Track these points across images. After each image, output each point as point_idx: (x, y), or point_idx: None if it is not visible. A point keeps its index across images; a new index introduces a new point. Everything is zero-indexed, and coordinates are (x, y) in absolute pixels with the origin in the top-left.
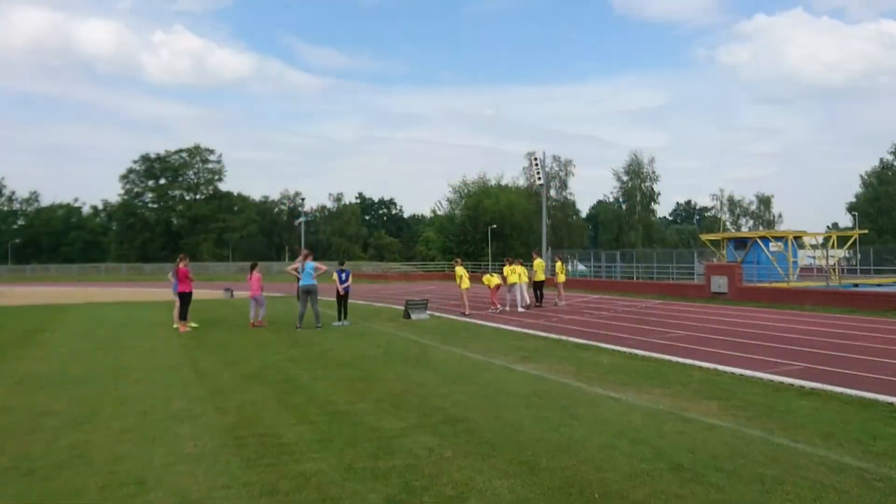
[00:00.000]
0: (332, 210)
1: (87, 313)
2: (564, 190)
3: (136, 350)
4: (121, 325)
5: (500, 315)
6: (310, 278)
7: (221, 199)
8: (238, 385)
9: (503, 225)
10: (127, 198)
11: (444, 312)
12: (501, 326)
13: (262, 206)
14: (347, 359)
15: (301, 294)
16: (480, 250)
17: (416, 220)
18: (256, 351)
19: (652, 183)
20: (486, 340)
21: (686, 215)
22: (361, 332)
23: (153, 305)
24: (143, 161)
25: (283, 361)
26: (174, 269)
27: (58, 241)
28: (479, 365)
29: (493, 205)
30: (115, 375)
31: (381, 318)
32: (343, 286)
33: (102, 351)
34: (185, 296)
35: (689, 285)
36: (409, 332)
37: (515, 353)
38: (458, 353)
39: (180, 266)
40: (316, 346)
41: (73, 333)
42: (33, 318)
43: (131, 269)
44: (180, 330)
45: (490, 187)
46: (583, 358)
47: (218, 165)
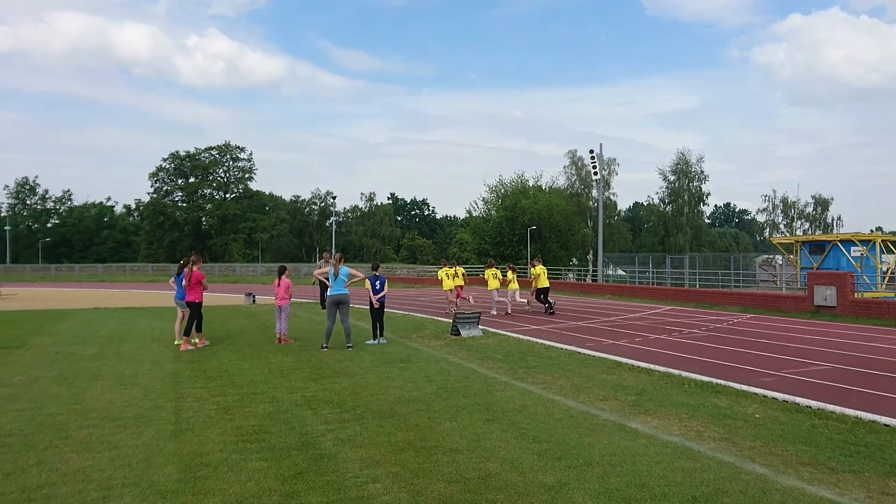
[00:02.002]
0: (364, 210)
1: (83, 323)
2: (607, 190)
3: (111, 380)
4: (112, 341)
5: (535, 329)
6: (343, 287)
7: (251, 198)
8: (227, 457)
9: (541, 226)
10: (156, 196)
11: (497, 328)
12: (578, 350)
13: (292, 206)
14: (389, 403)
15: (329, 305)
16: (517, 252)
17: (448, 221)
18: (267, 385)
19: (700, 183)
20: (566, 371)
21: (725, 218)
22: (403, 357)
23: (162, 312)
24: (173, 159)
25: (300, 406)
26: (185, 273)
27: (90, 240)
28: (580, 420)
29: (531, 205)
30: (58, 429)
31: (423, 334)
32: (378, 297)
33: (66, 383)
34: (196, 306)
35: (778, 296)
36: (463, 357)
37: (618, 395)
38: (539, 394)
39: (193, 269)
40: (346, 377)
41: (48, 353)
42: (18, 328)
43: (157, 269)
44: (182, 347)
45: (528, 187)
46: (721, 408)
47: (248, 164)
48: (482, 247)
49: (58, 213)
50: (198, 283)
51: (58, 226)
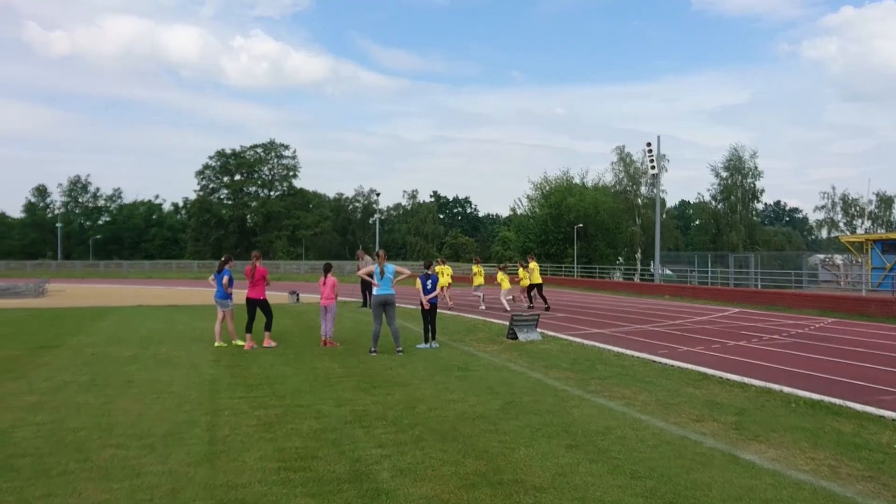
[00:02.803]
0: (408, 208)
1: (124, 321)
2: (656, 186)
3: (144, 388)
4: (150, 341)
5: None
6: (389, 286)
7: (295, 195)
8: (267, 490)
9: (587, 224)
10: (202, 194)
11: (555, 331)
12: (652, 358)
13: (335, 204)
14: (450, 420)
15: (375, 306)
16: (563, 251)
17: (490, 219)
18: (313, 396)
19: (754, 180)
20: (645, 384)
21: (775, 216)
22: (459, 364)
23: (203, 311)
24: (219, 157)
25: (349, 423)
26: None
27: (139, 237)
28: (680, 447)
29: (577, 203)
30: (78, 449)
31: (477, 336)
32: (429, 297)
33: (96, 390)
34: (262, 304)
35: (859, 298)
36: (525, 364)
37: (714, 415)
38: (621, 412)
39: (257, 265)
40: (398, 387)
41: (84, 354)
42: (59, 327)
43: (203, 266)
44: (265, 343)
45: (574, 184)
46: (846, 435)
47: (293, 161)
48: (526, 245)
49: (108, 211)
50: (262, 280)
51: (108, 223)
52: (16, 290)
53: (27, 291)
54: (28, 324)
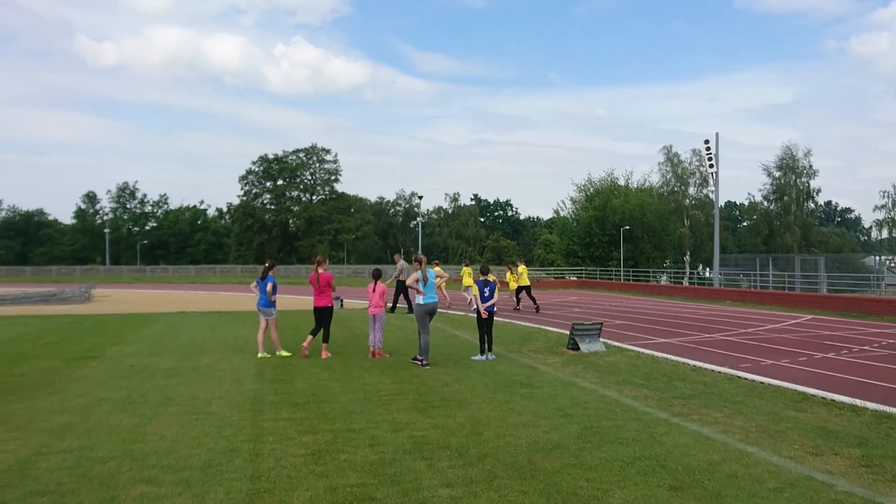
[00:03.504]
0: (449, 211)
1: (166, 328)
2: (706, 187)
3: (182, 406)
4: (191, 351)
5: None
6: (434, 292)
7: (337, 199)
8: None
9: (633, 226)
10: (246, 199)
11: (618, 340)
12: (735, 373)
13: (377, 208)
14: (523, 451)
15: (423, 315)
16: (608, 254)
17: (531, 222)
18: (365, 419)
19: (809, 179)
20: (736, 405)
21: (826, 216)
22: (521, 379)
23: (247, 317)
24: (262, 162)
25: (409, 453)
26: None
27: (184, 242)
28: (810, 493)
29: (622, 204)
30: (104, 485)
31: (534, 346)
32: (486, 305)
33: (131, 409)
34: (326, 312)
35: None
36: (593, 380)
37: (833, 446)
38: (720, 442)
39: (320, 271)
40: (458, 407)
41: (123, 365)
42: (101, 335)
43: (246, 270)
44: (322, 355)
45: (618, 186)
46: None
47: (334, 166)
48: (570, 248)
49: (155, 217)
50: (327, 286)
51: (155, 228)
52: (62, 296)
53: (73, 297)
54: (70, 331)
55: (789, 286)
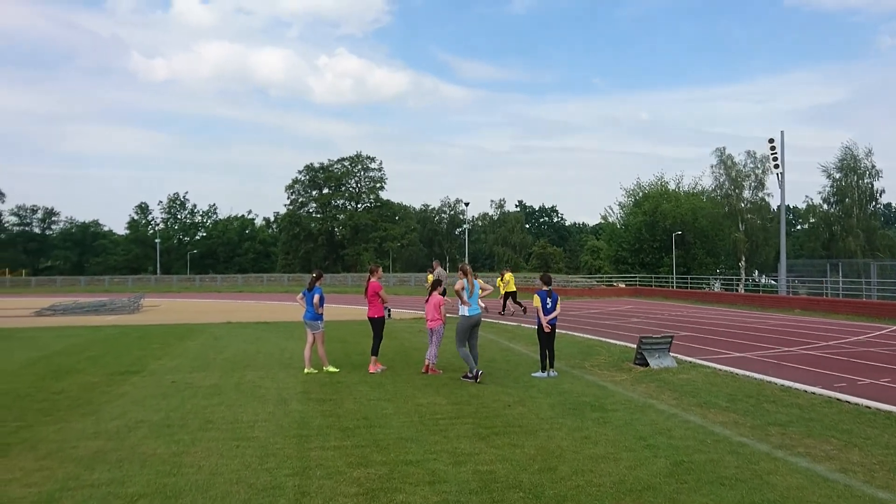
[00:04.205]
0: (495, 218)
1: (210, 341)
2: (761, 190)
3: (223, 431)
4: (235, 366)
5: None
6: (477, 303)
7: (382, 207)
8: None
9: (685, 231)
10: (292, 208)
11: (688, 354)
12: (831, 395)
13: (421, 215)
14: (608, 493)
15: (466, 328)
16: (658, 260)
17: (577, 228)
18: (422, 448)
19: (872, 180)
20: (844, 434)
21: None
22: (591, 400)
23: (293, 329)
24: (308, 171)
25: (475, 493)
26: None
27: (233, 251)
28: None
29: (673, 209)
30: None
31: (597, 361)
32: (549, 318)
33: (168, 434)
34: (373, 323)
35: None
36: (671, 401)
37: None
38: (843, 485)
39: (372, 280)
40: (525, 435)
41: (164, 382)
42: (144, 347)
43: (293, 279)
44: (370, 369)
45: (669, 190)
46: None
47: (379, 174)
48: (619, 254)
49: (204, 227)
50: (375, 296)
51: (204, 238)
52: (112, 307)
53: (123, 307)
54: (115, 344)
55: (866, 293)
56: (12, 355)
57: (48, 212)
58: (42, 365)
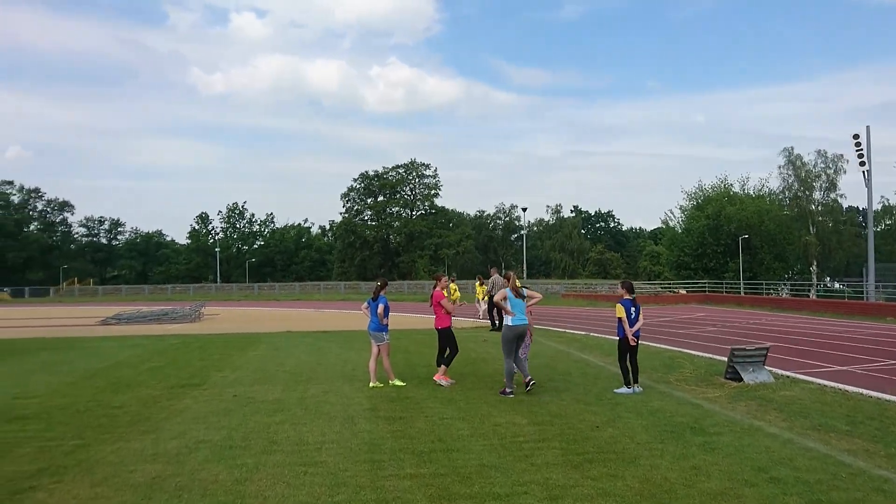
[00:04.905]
0: (551, 223)
1: (271, 351)
2: (833, 191)
3: (287, 454)
4: (297, 379)
5: None
6: (524, 312)
7: (437, 214)
8: None
9: (751, 235)
10: (347, 216)
11: (780, 366)
12: None
13: (476, 221)
14: None
15: (510, 339)
16: (723, 265)
17: (634, 233)
18: (508, 476)
19: None
20: None
21: None
22: (688, 421)
23: (353, 338)
24: (362, 179)
25: None
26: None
27: (290, 259)
28: None
29: (738, 212)
30: None
31: (683, 375)
32: (634, 329)
33: (230, 457)
34: (439, 333)
35: None
36: (781, 424)
37: None
38: None
39: (436, 289)
40: (623, 463)
41: (226, 396)
42: (206, 358)
43: (349, 287)
44: (436, 377)
45: (733, 193)
46: None
47: (433, 180)
48: (681, 259)
49: (262, 235)
50: (437, 306)
51: (262, 247)
52: (173, 316)
53: (184, 316)
54: (176, 354)
55: None
56: (75, 366)
57: (114, 223)
58: (103, 377)
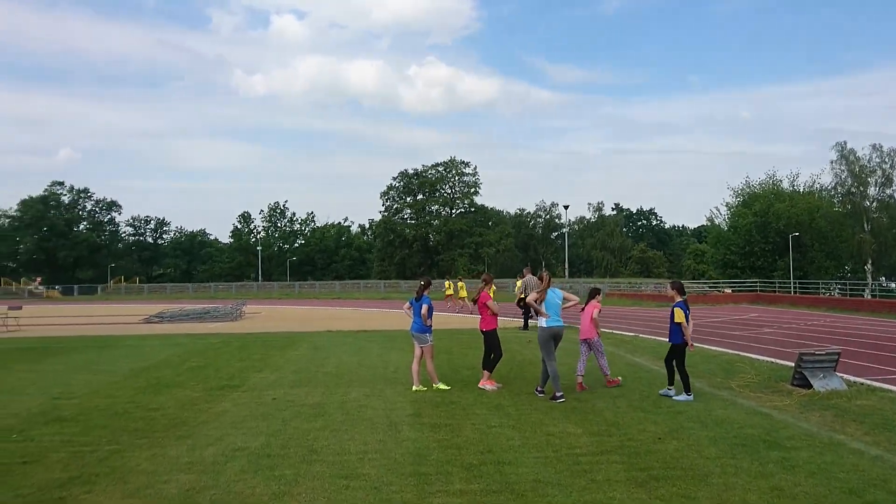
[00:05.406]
0: (592, 221)
1: (312, 351)
2: (889, 187)
3: (328, 465)
4: (338, 381)
5: None
6: (559, 314)
7: (477, 212)
8: None
9: (802, 233)
10: (387, 214)
11: (853, 373)
12: None
13: (516, 220)
14: None
15: (548, 340)
16: (771, 263)
17: (677, 231)
18: (566, 492)
19: None
20: None
21: None
22: (759, 433)
23: (395, 338)
24: (402, 177)
25: None
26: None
27: (330, 258)
28: None
29: (788, 209)
30: None
31: (744, 381)
32: (692, 332)
33: (268, 467)
34: (485, 336)
35: None
36: (866, 438)
37: None
38: None
39: (484, 290)
40: (695, 482)
41: (265, 399)
42: (245, 358)
43: (389, 286)
44: (481, 384)
45: (782, 189)
46: None
47: (473, 178)
48: (727, 258)
49: (303, 234)
50: (483, 307)
51: (303, 245)
52: (215, 314)
53: (226, 315)
54: (216, 354)
55: None
56: (116, 365)
57: (160, 222)
58: (143, 377)
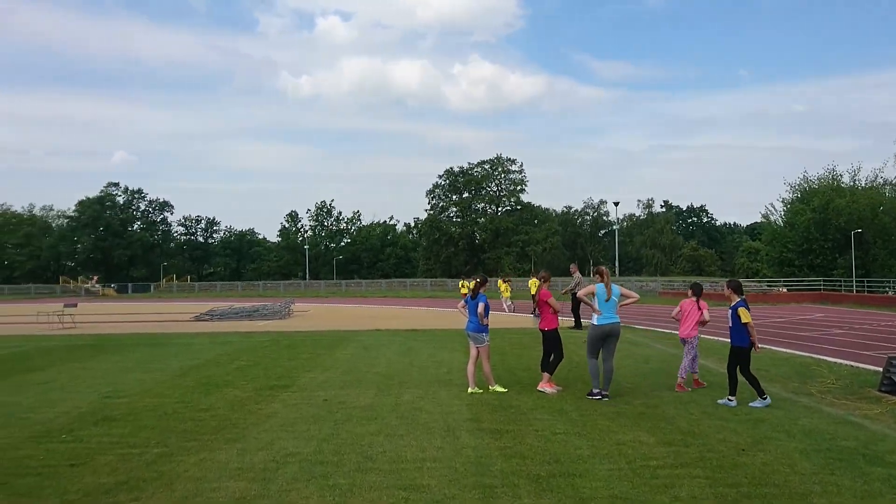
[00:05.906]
0: (642, 218)
1: (361, 351)
2: None
3: (384, 474)
4: (389, 382)
5: None
6: (614, 312)
7: (523, 210)
8: None
9: (864, 230)
10: (432, 213)
11: None
12: None
13: (563, 217)
14: None
15: (596, 339)
16: (831, 261)
17: (728, 228)
18: None
19: None
20: None
21: None
22: (855, 446)
23: (444, 337)
24: (448, 175)
25: None
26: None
27: (376, 257)
28: None
29: (848, 205)
30: None
31: (824, 386)
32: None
33: (322, 475)
34: (545, 336)
35: None
36: None
37: None
38: None
39: (543, 287)
40: (794, 502)
41: (316, 400)
42: (295, 357)
43: (435, 284)
44: (540, 386)
45: (842, 184)
46: None
47: (520, 176)
48: (784, 255)
49: (349, 233)
50: (545, 305)
51: (349, 244)
52: (264, 312)
53: (274, 313)
54: (265, 353)
55: None
56: (166, 363)
57: (210, 222)
58: (192, 376)
